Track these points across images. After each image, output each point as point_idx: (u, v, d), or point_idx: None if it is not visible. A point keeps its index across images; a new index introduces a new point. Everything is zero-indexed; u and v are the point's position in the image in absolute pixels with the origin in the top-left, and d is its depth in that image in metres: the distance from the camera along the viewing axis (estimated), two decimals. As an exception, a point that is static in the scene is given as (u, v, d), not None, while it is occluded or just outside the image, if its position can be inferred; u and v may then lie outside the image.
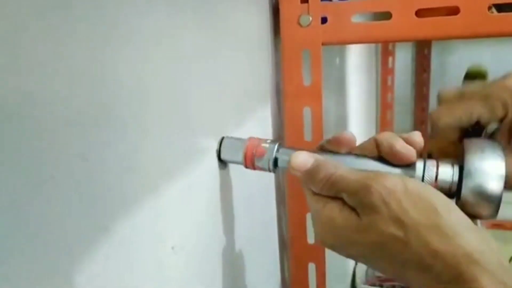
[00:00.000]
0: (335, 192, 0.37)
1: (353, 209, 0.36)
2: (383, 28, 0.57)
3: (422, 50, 1.90)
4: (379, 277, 1.44)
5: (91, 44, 0.28)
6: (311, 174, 0.39)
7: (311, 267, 0.68)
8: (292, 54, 0.59)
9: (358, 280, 1.34)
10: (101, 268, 0.30)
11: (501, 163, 0.36)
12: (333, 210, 0.37)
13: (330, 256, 0.74)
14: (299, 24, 0.58)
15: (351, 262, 1.39)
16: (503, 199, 0.36)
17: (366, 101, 1.52)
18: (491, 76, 1.85)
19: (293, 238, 0.68)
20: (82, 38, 0.27)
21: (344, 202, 0.37)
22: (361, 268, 1.40)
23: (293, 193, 0.66)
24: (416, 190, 0.34)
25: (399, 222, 0.34)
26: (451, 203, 0.35)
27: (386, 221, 0.34)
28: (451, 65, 1.91)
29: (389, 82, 1.76)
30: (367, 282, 1.39)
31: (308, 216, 0.66)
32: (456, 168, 0.38)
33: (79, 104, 0.27)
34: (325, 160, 0.39)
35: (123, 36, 0.31)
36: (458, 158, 0.39)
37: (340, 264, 1.25)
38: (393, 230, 0.34)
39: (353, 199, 0.36)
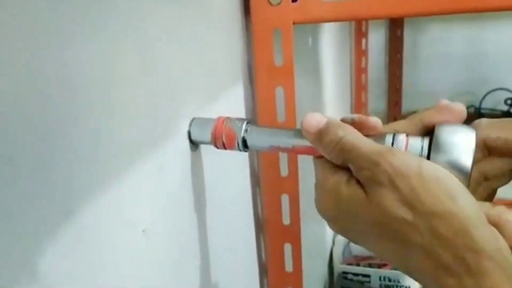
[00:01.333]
0: (342, 160, 0.35)
1: (360, 183, 0.34)
2: (354, 6, 0.56)
3: (394, 31, 1.91)
4: (356, 256, 1.46)
5: (51, 20, 0.27)
6: (320, 135, 0.36)
7: (287, 248, 0.68)
8: (263, 34, 0.58)
9: (336, 260, 1.36)
10: (65, 254, 0.29)
11: (471, 136, 0.34)
12: (340, 180, 0.35)
13: (307, 236, 0.75)
14: (269, 3, 0.57)
15: (328, 242, 1.41)
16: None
17: (340, 83, 1.52)
18: (463, 55, 1.88)
19: (268, 219, 0.68)
20: (42, 14, 0.26)
21: (352, 174, 0.35)
22: (338, 248, 1.41)
23: (267, 174, 0.65)
24: (433, 174, 0.32)
25: (408, 205, 0.32)
26: (469, 193, 0.32)
27: (394, 202, 0.32)
28: (423, 45, 1.93)
29: (363, 64, 1.77)
30: (344, 261, 1.41)
31: (283, 197, 0.66)
32: (426, 141, 0.36)
33: (42, 83, 0.26)
34: (337, 122, 0.36)
35: (88, 12, 0.30)
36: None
37: (317, 244, 1.26)
38: (401, 212, 0.32)
39: (361, 174, 0.34)
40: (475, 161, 0.34)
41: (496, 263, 0.30)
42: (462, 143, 0.34)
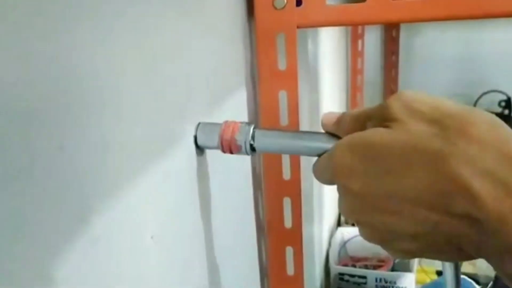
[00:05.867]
0: (361, 124, 0.36)
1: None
2: (357, 11, 0.57)
3: (390, 32, 1.92)
4: (352, 257, 1.47)
5: (61, 31, 0.27)
6: (339, 121, 0.39)
7: (289, 251, 0.69)
8: (266, 38, 0.58)
9: (332, 261, 1.36)
10: (80, 261, 0.29)
11: None
12: (353, 134, 0.35)
13: (304, 238, 0.75)
14: (273, 6, 0.57)
15: (324, 244, 1.41)
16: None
17: (337, 84, 1.53)
18: (458, 57, 1.89)
19: (270, 222, 0.68)
20: (53, 26, 0.26)
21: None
22: (334, 249, 1.42)
23: (270, 178, 0.66)
24: (443, 98, 0.32)
25: (431, 120, 0.31)
26: None
27: (416, 123, 0.31)
28: (419, 47, 1.94)
29: (359, 65, 1.78)
30: (340, 262, 1.41)
31: (285, 201, 0.66)
32: None
33: (53, 92, 0.26)
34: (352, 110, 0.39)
35: (93, 22, 0.30)
36: None
37: (314, 246, 1.26)
38: (427, 128, 0.30)
39: (378, 121, 0.33)
40: None
41: None
42: None
